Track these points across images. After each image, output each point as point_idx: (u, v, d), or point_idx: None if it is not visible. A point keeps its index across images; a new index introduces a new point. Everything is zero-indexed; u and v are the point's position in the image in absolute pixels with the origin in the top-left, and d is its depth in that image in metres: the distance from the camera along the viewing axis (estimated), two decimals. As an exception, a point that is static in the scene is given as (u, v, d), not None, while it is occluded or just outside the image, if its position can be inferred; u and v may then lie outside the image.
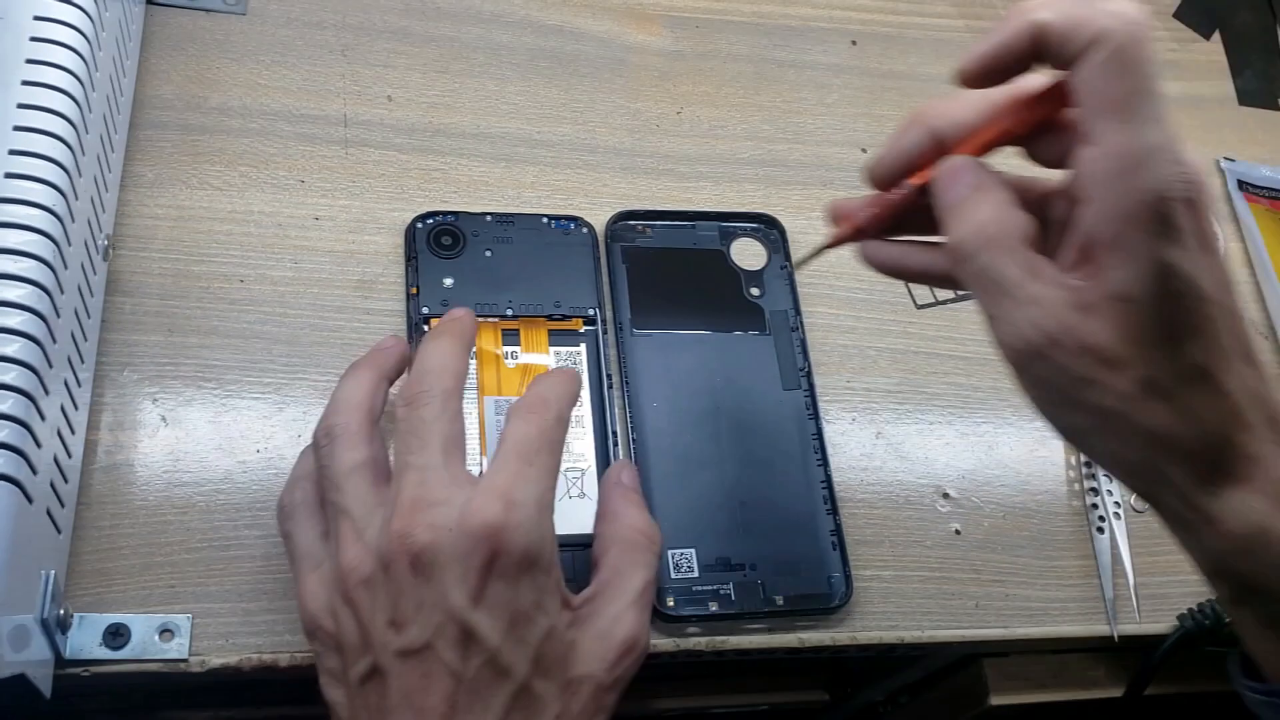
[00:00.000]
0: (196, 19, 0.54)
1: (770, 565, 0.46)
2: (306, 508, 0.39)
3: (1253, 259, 0.63)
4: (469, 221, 0.51)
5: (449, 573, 0.34)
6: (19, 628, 0.35)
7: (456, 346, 0.40)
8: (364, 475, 0.38)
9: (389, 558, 0.35)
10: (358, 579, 0.36)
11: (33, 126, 0.38)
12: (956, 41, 0.67)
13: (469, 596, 0.34)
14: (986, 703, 0.54)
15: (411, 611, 0.35)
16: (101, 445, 0.43)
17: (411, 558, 0.34)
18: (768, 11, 0.64)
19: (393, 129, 0.54)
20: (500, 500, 0.35)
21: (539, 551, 0.35)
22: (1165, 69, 0.69)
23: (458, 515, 0.35)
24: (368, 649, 0.35)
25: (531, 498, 0.36)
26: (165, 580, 0.42)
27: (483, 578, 0.34)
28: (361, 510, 0.37)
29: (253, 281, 0.48)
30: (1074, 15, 0.31)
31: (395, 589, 0.35)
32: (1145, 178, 0.31)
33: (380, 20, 0.57)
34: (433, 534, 0.35)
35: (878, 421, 0.52)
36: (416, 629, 0.34)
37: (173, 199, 0.49)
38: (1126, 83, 0.31)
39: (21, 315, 0.36)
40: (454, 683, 0.34)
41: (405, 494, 0.36)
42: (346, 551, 0.36)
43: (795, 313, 0.53)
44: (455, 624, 0.34)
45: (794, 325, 0.52)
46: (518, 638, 0.35)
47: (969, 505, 0.51)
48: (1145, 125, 0.31)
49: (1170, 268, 0.31)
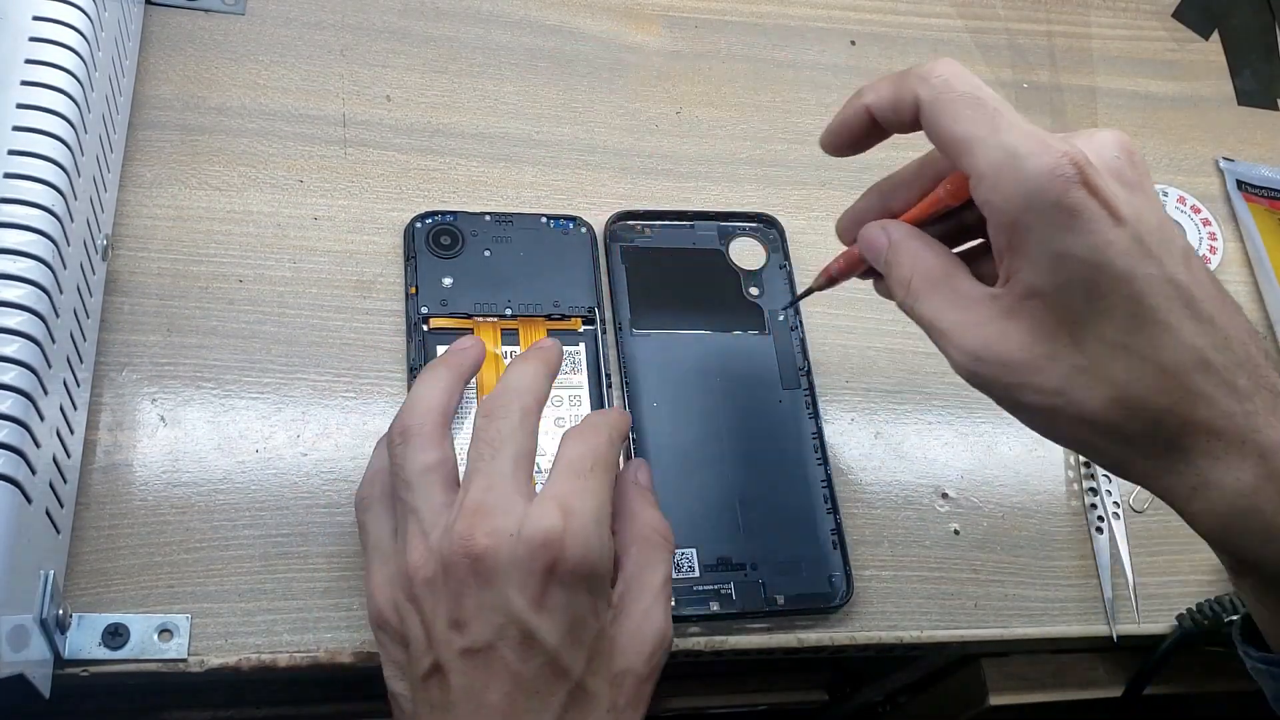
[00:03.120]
0: (195, 19, 0.54)
1: (771, 565, 0.46)
2: (383, 502, 0.40)
3: (1252, 259, 0.63)
4: (468, 221, 0.51)
5: (510, 578, 0.35)
6: (18, 628, 0.35)
7: (543, 371, 0.41)
8: (435, 478, 0.39)
9: (450, 560, 0.36)
10: (422, 578, 0.37)
11: (32, 126, 0.38)
12: (955, 42, 0.67)
13: (530, 601, 0.35)
14: (986, 703, 0.54)
15: (473, 613, 0.36)
16: (100, 445, 0.43)
17: (472, 560, 0.36)
18: (766, 11, 0.64)
19: (392, 129, 0.54)
20: (559, 510, 0.36)
21: (596, 560, 0.37)
22: (1164, 69, 0.70)
23: (518, 523, 0.36)
24: (431, 647, 0.36)
25: (589, 509, 0.37)
26: (164, 580, 0.42)
27: (543, 584, 0.36)
28: (429, 512, 0.38)
29: (252, 281, 0.48)
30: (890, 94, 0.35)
31: (456, 590, 0.36)
32: (1017, 178, 0.32)
33: (379, 20, 0.57)
34: (493, 539, 0.36)
35: (876, 421, 0.52)
36: (478, 630, 0.36)
37: (172, 199, 0.49)
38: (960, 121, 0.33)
39: (20, 315, 0.36)
40: (514, 682, 0.35)
41: (470, 499, 0.37)
42: (413, 551, 0.37)
43: (795, 311, 0.53)
44: (516, 627, 0.35)
45: (793, 325, 0.53)
46: (575, 640, 0.36)
47: (968, 505, 0.51)
48: (999, 136, 0.32)
49: (1063, 254, 0.31)
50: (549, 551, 0.35)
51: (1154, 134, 0.67)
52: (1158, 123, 0.68)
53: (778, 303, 0.53)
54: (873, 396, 0.53)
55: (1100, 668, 0.54)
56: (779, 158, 0.59)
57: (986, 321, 0.34)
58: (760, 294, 0.53)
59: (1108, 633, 0.50)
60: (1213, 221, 0.63)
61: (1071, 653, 0.54)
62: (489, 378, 0.47)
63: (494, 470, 0.38)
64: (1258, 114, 0.70)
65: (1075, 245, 0.31)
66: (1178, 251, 0.32)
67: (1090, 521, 0.52)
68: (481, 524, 0.36)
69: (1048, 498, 0.52)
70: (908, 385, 0.54)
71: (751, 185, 0.58)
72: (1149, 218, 0.32)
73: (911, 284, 0.36)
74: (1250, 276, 0.63)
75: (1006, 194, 0.32)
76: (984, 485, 0.52)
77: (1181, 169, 0.66)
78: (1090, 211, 0.31)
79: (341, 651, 0.42)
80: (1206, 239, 0.62)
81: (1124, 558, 0.51)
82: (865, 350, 0.54)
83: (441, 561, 0.36)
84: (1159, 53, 0.71)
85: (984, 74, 0.66)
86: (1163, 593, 0.51)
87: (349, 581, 0.43)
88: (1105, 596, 0.50)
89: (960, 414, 0.53)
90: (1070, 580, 0.50)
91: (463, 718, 0.36)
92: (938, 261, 0.36)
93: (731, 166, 0.58)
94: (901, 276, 0.37)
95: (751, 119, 0.60)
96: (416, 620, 0.37)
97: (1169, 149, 0.67)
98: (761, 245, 0.55)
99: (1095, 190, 0.31)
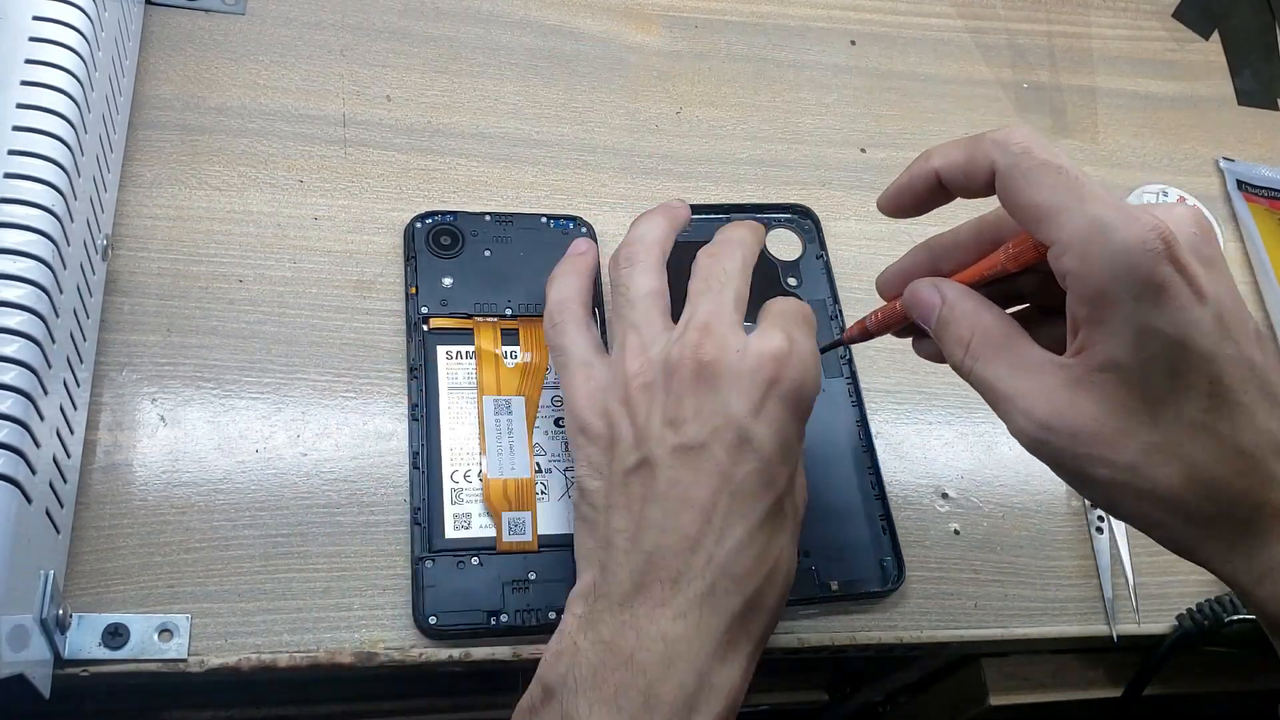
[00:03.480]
0: (195, 19, 0.54)
1: (822, 552, 0.47)
2: (578, 324, 0.44)
3: (1252, 259, 0.63)
4: (468, 221, 0.51)
5: (733, 385, 0.38)
6: (18, 628, 0.35)
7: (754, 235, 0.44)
8: (656, 302, 0.42)
9: (675, 365, 0.39)
10: (640, 383, 0.39)
11: (32, 126, 0.38)
12: (956, 41, 0.67)
13: (750, 408, 0.38)
14: (986, 703, 0.54)
15: (691, 413, 0.38)
16: (100, 445, 0.43)
17: (698, 365, 0.38)
18: (766, 11, 0.64)
19: (392, 129, 0.54)
20: (784, 336, 0.39)
21: (812, 390, 0.39)
22: (1164, 69, 0.70)
23: (744, 343, 0.39)
24: (641, 444, 0.39)
25: (808, 345, 0.40)
26: (164, 580, 0.42)
27: (764, 395, 0.38)
28: (650, 330, 0.41)
29: (252, 281, 0.48)
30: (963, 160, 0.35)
31: (677, 393, 0.38)
32: (1104, 250, 0.31)
33: (379, 20, 0.57)
34: (721, 351, 0.38)
35: (877, 422, 0.52)
36: (694, 428, 0.38)
37: (172, 199, 0.49)
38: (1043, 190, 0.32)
39: (20, 315, 0.36)
40: (722, 481, 0.37)
41: (699, 317, 0.40)
42: (631, 360, 0.40)
43: (834, 301, 0.53)
44: (733, 429, 0.38)
45: (833, 314, 0.53)
46: (784, 455, 0.38)
47: (968, 505, 0.51)
48: (1084, 205, 0.32)
49: (1149, 329, 0.31)
50: (775, 365, 0.38)
51: (1154, 134, 0.67)
52: (1158, 123, 0.68)
53: (815, 293, 0.54)
54: (873, 396, 0.53)
55: (1100, 668, 0.54)
56: (779, 158, 0.59)
57: (1055, 389, 0.33)
58: (798, 284, 0.54)
59: (1108, 633, 0.50)
60: (1213, 222, 0.63)
61: (1071, 653, 0.54)
62: (488, 379, 0.47)
63: (720, 300, 0.40)
64: (1258, 114, 0.70)
65: (1161, 321, 0.31)
66: (1252, 333, 0.32)
67: (1090, 521, 0.52)
68: (709, 338, 0.39)
69: (1048, 498, 0.52)
70: (908, 385, 0.54)
71: (751, 185, 0.58)
72: (1227, 298, 0.32)
73: (971, 345, 0.36)
74: (1250, 276, 0.63)
75: (1093, 265, 0.31)
76: (984, 485, 0.52)
77: (1181, 169, 0.66)
78: (1177, 288, 0.31)
79: (341, 651, 0.42)
80: (1206, 239, 0.62)
81: (1124, 558, 0.51)
82: (865, 350, 0.54)
83: (665, 368, 0.39)
84: (1159, 53, 0.71)
85: (984, 74, 0.66)
86: (1163, 593, 0.51)
87: (349, 581, 0.43)
88: (1105, 597, 0.50)
89: (960, 414, 0.53)
90: (1070, 580, 0.50)
91: (666, 509, 0.38)
92: (999, 324, 0.35)
93: (731, 166, 0.58)
94: (959, 336, 0.36)
95: (751, 119, 0.60)
96: (627, 421, 0.39)
97: (1169, 149, 0.67)
98: (797, 236, 0.55)
99: (1182, 267, 0.31)
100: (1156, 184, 0.64)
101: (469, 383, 0.47)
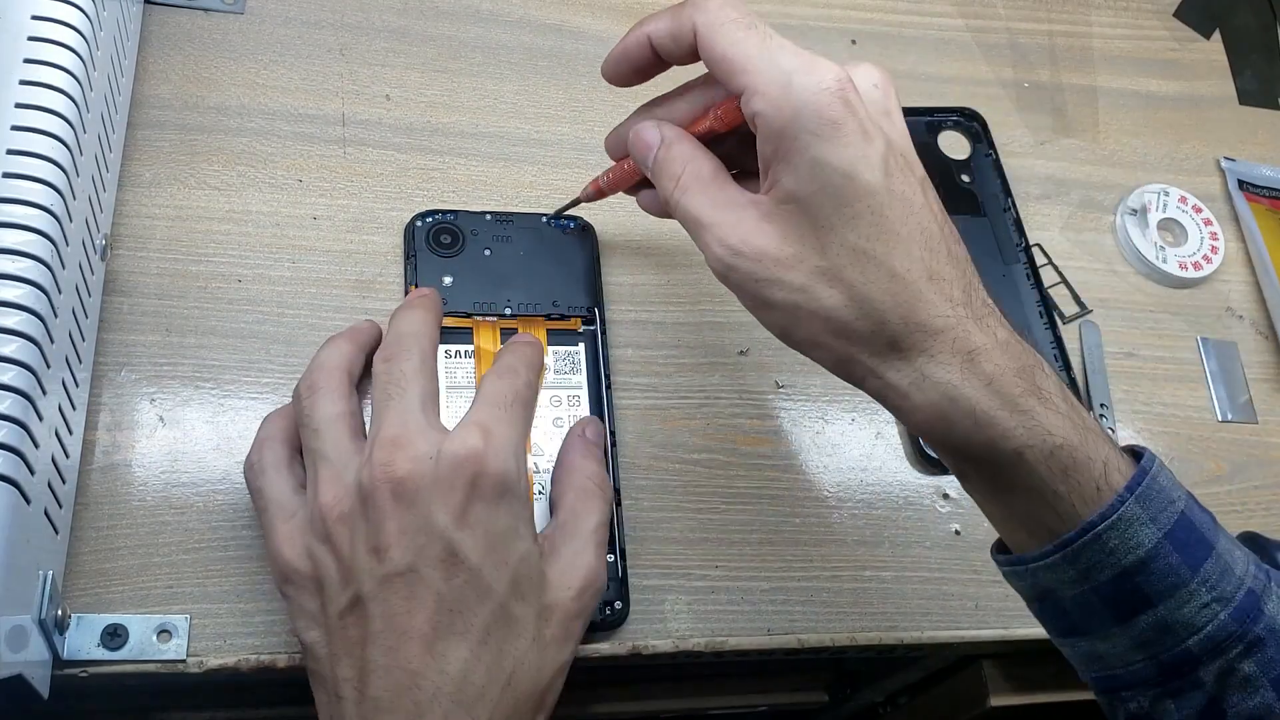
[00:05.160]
0: (194, 18, 0.54)
1: None
2: (276, 465, 0.41)
3: (1253, 259, 0.63)
4: (468, 220, 0.51)
5: (432, 496, 0.36)
6: (17, 628, 0.35)
7: (430, 316, 0.44)
8: (343, 426, 0.40)
9: (370, 489, 0.37)
10: (337, 515, 0.37)
11: (31, 126, 0.38)
12: (956, 41, 0.67)
13: (453, 517, 0.36)
14: (986, 704, 0.54)
15: (394, 537, 0.36)
16: (99, 445, 0.43)
17: (394, 485, 0.36)
18: (767, 11, 0.64)
19: (391, 128, 0.54)
20: (479, 431, 0.38)
21: (516, 478, 0.38)
22: (1165, 69, 0.70)
23: (436, 447, 0.37)
24: (349, 581, 0.37)
25: (508, 434, 0.39)
26: (163, 581, 0.42)
27: (466, 499, 0.37)
28: (340, 456, 0.39)
29: (251, 281, 0.48)
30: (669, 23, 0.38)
31: (377, 518, 0.36)
32: (787, 92, 0.34)
33: (378, 19, 0.57)
34: (415, 464, 0.37)
35: (877, 422, 0.52)
36: (399, 552, 0.36)
37: (170, 199, 0.49)
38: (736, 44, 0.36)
39: (19, 315, 0.36)
40: (437, 602, 0.36)
41: (385, 432, 0.38)
42: (325, 493, 0.38)
43: (1005, 195, 0.59)
44: (439, 543, 0.36)
45: (1005, 206, 0.59)
46: (497, 559, 0.37)
47: (969, 505, 0.51)
48: (772, 55, 0.35)
49: (821, 162, 0.34)
50: (471, 465, 0.37)
51: (1155, 134, 0.67)
52: (1159, 123, 0.67)
53: (988, 189, 0.58)
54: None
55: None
56: (779, 157, 0.59)
57: (746, 221, 0.36)
58: (971, 180, 0.59)
59: (1108, 633, 0.49)
60: (1214, 221, 0.63)
61: (1072, 653, 0.54)
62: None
63: (404, 407, 0.39)
64: (1259, 114, 0.70)
65: (832, 155, 0.34)
66: (918, 178, 0.36)
67: (1091, 522, 0.52)
68: (401, 452, 0.37)
69: (1048, 498, 0.52)
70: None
71: (752, 185, 0.57)
72: (898, 141, 0.36)
73: (681, 179, 0.38)
74: (1251, 276, 0.63)
75: (777, 105, 0.34)
76: (984, 485, 0.52)
77: (1183, 169, 0.66)
78: (848, 126, 0.34)
79: (341, 652, 0.42)
80: (1208, 239, 0.62)
81: (1125, 558, 0.51)
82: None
83: (360, 493, 0.37)
84: (1160, 52, 0.71)
85: (984, 73, 0.66)
86: (1163, 593, 0.51)
87: (348, 582, 0.43)
88: (1106, 597, 0.50)
89: (961, 414, 0.53)
90: (1071, 581, 0.50)
91: (385, 648, 0.35)
92: (708, 165, 0.39)
93: (732, 166, 0.58)
94: (673, 173, 0.39)
95: (752, 118, 0.60)
96: (331, 559, 0.37)
97: (1170, 149, 0.67)
98: (965, 137, 0.61)
99: (854, 109, 0.34)
100: (1157, 184, 0.64)
101: (467, 382, 0.47)
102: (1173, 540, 0.35)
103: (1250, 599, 0.35)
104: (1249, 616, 0.35)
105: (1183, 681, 0.36)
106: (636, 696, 0.62)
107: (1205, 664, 0.35)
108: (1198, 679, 0.36)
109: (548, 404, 0.47)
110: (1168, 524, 0.35)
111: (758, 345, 0.52)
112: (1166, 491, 0.35)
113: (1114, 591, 0.35)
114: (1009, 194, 0.60)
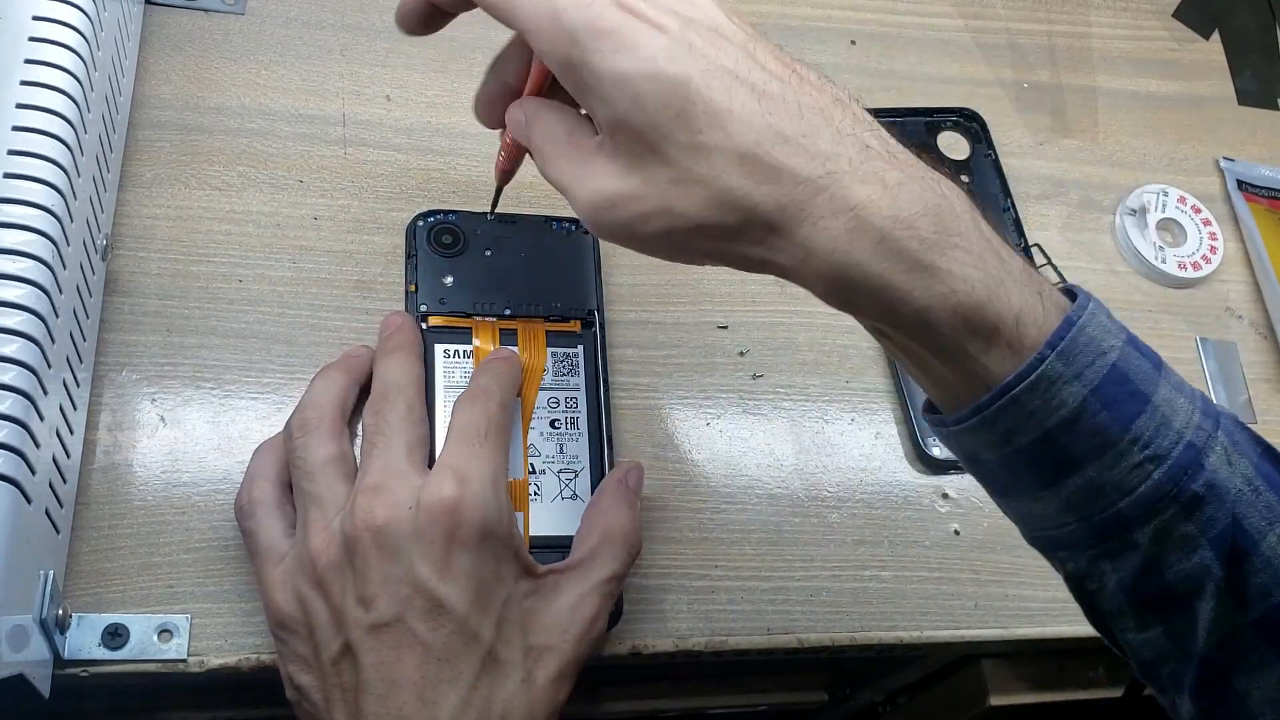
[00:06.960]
0: (195, 19, 0.54)
1: None
2: (266, 505, 0.41)
3: (1252, 259, 0.63)
4: (470, 221, 0.51)
5: (413, 548, 0.37)
6: (17, 628, 0.35)
7: (410, 358, 0.44)
8: (335, 468, 0.40)
9: (353, 538, 0.37)
10: (326, 562, 0.37)
11: (31, 126, 0.38)
12: (956, 41, 0.67)
13: (435, 569, 0.36)
14: (986, 703, 0.54)
15: (379, 587, 0.36)
16: (100, 445, 0.43)
17: (374, 534, 0.37)
18: (767, 11, 0.64)
19: (391, 129, 0.54)
20: (454, 478, 0.38)
21: (496, 521, 0.38)
22: (1165, 69, 0.70)
23: (414, 496, 0.37)
24: (340, 629, 0.37)
25: (484, 473, 0.38)
26: (164, 580, 0.42)
27: (446, 551, 0.37)
28: (331, 499, 0.39)
29: (251, 281, 0.48)
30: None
31: (362, 567, 0.37)
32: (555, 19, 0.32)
33: (378, 20, 0.57)
34: (393, 512, 0.37)
35: (877, 422, 0.52)
36: (385, 603, 0.36)
37: (171, 199, 0.49)
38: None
39: (20, 315, 0.36)
40: (425, 653, 0.36)
41: (368, 480, 0.38)
42: (315, 538, 0.38)
43: (1005, 195, 0.59)
44: (423, 596, 0.36)
45: (1005, 206, 0.59)
46: (482, 606, 0.37)
47: (968, 505, 0.51)
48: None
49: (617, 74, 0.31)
50: (448, 518, 0.37)
51: (1154, 134, 0.67)
52: (1158, 123, 0.68)
53: (987, 189, 0.59)
54: (872, 396, 0.53)
55: (1100, 668, 0.55)
56: (779, 157, 0.59)
57: (596, 167, 0.34)
58: (970, 181, 0.59)
59: (1108, 633, 0.49)
60: (1213, 221, 0.63)
61: (1071, 653, 0.54)
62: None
63: (388, 454, 0.39)
64: (1258, 114, 0.70)
65: (624, 64, 0.31)
66: (734, 44, 0.32)
67: (1090, 522, 0.52)
68: (380, 500, 0.37)
69: (1048, 498, 0.52)
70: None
71: (751, 185, 0.57)
72: (698, 18, 0.32)
73: (544, 150, 0.36)
74: (1250, 276, 0.63)
75: (552, 39, 0.32)
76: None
77: (1182, 169, 0.66)
78: (627, 26, 0.31)
79: (341, 652, 0.42)
80: (1207, 239, 0.62)
81: (1124, 558, 0.51)
82: (865, 350, 0.54)
83: (345, 542, 0.37)
84: (1159, 53, 0.71)
85: (984, 74, 0.66)
86: (1163, 593, 0.51)
87: (349, 582, 0.43)
88: (1105, 597, 0.50)
89: (960, 414, 0.53)
90: (1070, 580, 0.50)
91: (377, 696, 0.36)
92: (560, 122, 0.36)
93: (731, 166, 0.58)
94: (538, 147, 0.36)
95: (751, 119, 0.60)
96: (323, 605, 0.37)
97: (1169, 149, 0.67)
98: (965, 137, 0.61)
99: (628, 7, 0.31)
100: (1156, 184, 0.64)
101: (466, 382, 0.47)
102: (1101, 397, 0.32)
103: (1189, 453, 0.32)
104: (1186, 473, 0.32)
105: (1117, 543, 0.34)
106: (636, 696, 0.62)
107: (1139, 526, 0.33)
108: (1132, 540, 0.33)
109: (544, 405, 0.47)
110: (1095, 379, 0.32)
111: (758, 345, 0.52)
112: (1097, 342, 0.32)
113: (1039, 455, 0.33)
114: (1008, 194, 0.60)
